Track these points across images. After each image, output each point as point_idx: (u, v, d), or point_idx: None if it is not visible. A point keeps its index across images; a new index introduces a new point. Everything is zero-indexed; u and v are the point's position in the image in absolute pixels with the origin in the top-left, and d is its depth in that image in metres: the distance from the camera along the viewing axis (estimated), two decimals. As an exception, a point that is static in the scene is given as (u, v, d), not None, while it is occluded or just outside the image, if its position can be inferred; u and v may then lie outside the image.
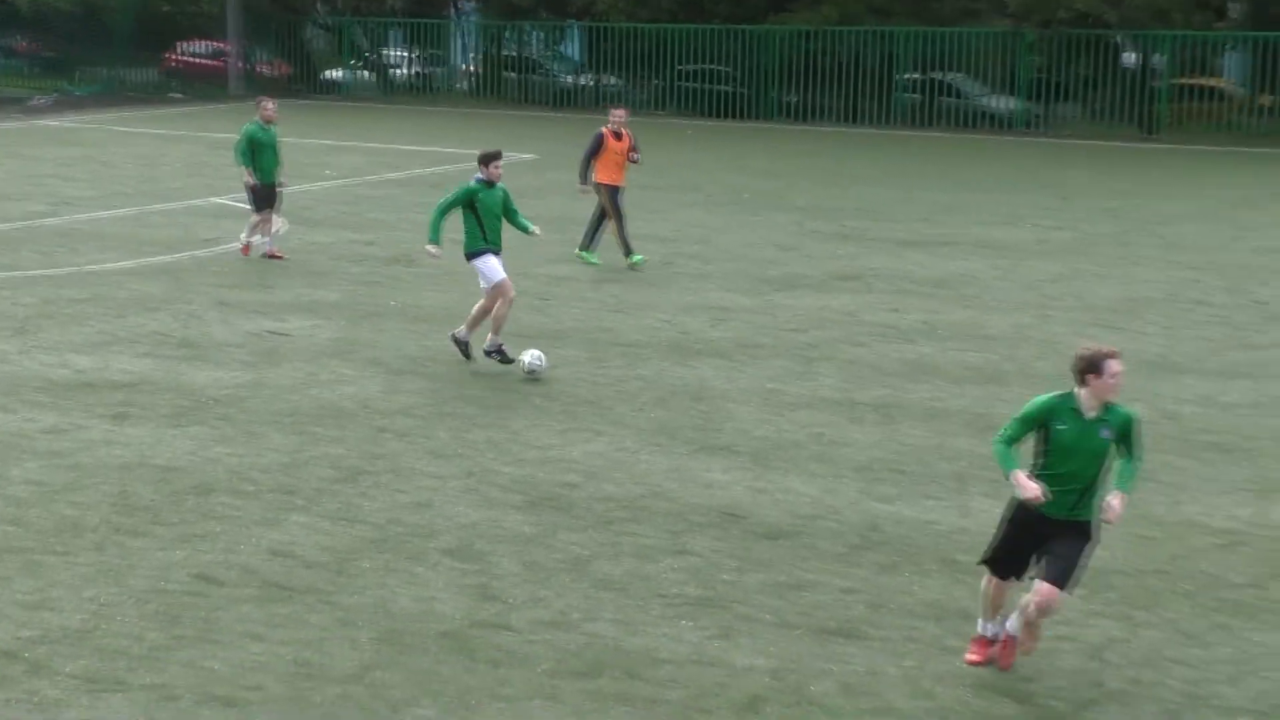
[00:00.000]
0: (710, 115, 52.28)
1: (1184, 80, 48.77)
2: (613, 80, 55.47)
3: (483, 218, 16.87)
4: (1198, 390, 16.45)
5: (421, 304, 20.37)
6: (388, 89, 59.66)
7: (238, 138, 23.64)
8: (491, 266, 16.90)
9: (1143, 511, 12.41)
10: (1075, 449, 9.02)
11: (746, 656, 9.72)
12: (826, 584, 10.93)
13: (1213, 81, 49.49)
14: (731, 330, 19.10)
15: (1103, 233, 27.71)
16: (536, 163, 38.00)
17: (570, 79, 56.80)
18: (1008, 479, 9.12)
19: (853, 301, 21.13)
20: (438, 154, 39.26)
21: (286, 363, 17.07)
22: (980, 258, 24.69)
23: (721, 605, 10.52)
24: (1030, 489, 9.00)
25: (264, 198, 23.41)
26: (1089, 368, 8.96)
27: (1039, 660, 9.67)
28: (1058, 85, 49.47)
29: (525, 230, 17.47)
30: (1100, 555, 11.40)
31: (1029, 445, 9.31)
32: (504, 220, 17.14)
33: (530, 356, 16.54)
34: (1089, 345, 9.12)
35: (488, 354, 17.01)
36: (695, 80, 53.62)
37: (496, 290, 16.91)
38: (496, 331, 17.00)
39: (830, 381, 16.68)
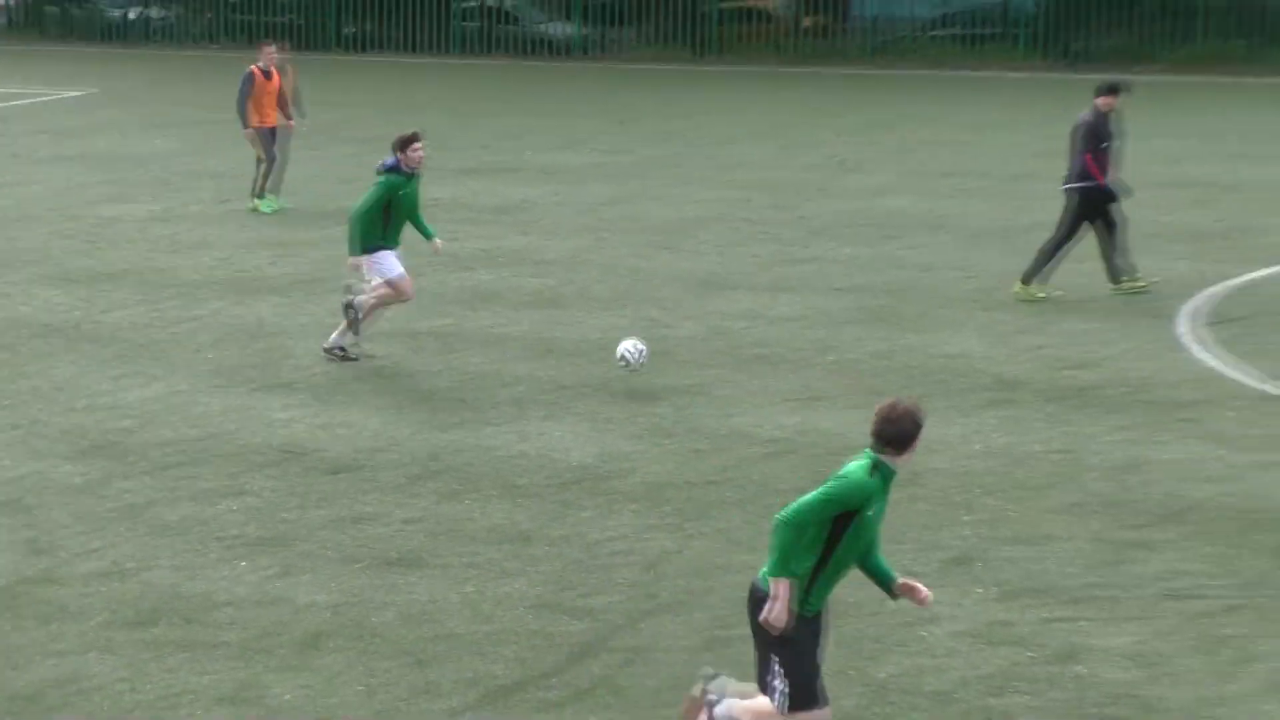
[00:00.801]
0: (267, 47, 51.36)
1: (733, 3, 50.04)
2: (161, 13, 53.83)
3: (393, 215, 14.56)
4: (746, 305, 17.00)
5: (-38, 252, 19.52)
6: (-80, 26, 56.60)
7: None
8: (390, 262, 14.58)
9: (693, 425, 12.83)
10: (870, 532, 7.25)
11: (308, 593, 9.69)
12: (388, 515, 10.97)
13: (760, 4, 50.92)
14: (290, 266, 18.87)
15: (658, 155, 28.31)
16: (90, 98, 36.76)
17: (118, 12, 54.87)
18: (773, 583, 7.12)
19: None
20: (-23, 94, 37.58)
21: None
22: (539, 183, 24.94)
23: (282, 544, 10.46)
24: (789, 620, 7.14)
25: None
26: (918, 431, 7.18)
27: (596, 577, 9.91)
28: (613, 9, 50.17)
29: (428, 236, 15.02)
30: (654, 470, 11.80)
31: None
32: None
33: (634, 353, 13.80)
34: (905, 404, 7.23)
35: (327, 351, 14.65)
36: (249, 11, 52.45)
37: (392, 287, 14.69)
38: (369, 319, 14.81)
39: (389, 313, 16.58)
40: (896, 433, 7.13)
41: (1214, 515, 10.96)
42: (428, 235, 15.05)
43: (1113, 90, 17.45)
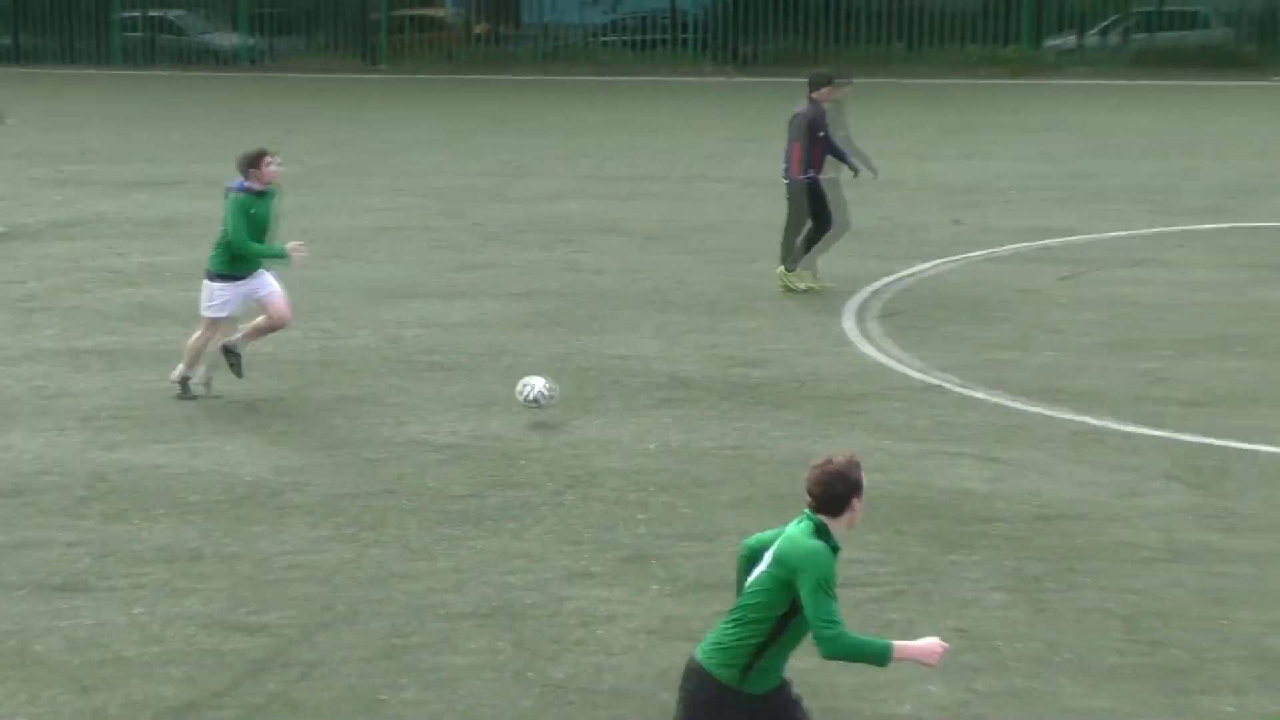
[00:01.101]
0: (-83, 60, 49.41)
1: (404, 11, 49.85)
2: None
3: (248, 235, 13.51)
4: (421, 313, 16.92)
5: None
6: None
7: None
8: (225, 298, 13.65)
9: (368, 435, 12.71)
10: None
11: (-35, 624, 9.31)
12: (51, 540, 10.60)
13: (432, 11, 50.84)
14: (-56, 286, 18.16)
15: (330, 165, 28.03)
16: None
17: None
18: (892, 658, 6.34)
19: (75, 248, 20.52)
20: None
21: None
22: (206, 197, 24.32)
23: (-63, 574, 10.03)
24: (937, 647, 6.36)
25: None
26: (857, 489, 6.42)
27: (270, 592, 9.73)
28: (280, 19, 49.55)
29: (257, 266, 13.82)
30: (328, 481, 11.65)
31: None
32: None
33: (540, 389, 13.00)
34: (840, 459, 6.47)
35: (174, 381, 13.73)
36: (-104, 23, 50.45)
37: (211, 325, 13.71)
38: (191, 364, 13.75)
39: (51, 332, 16.16)
40: (822, 494, 6.40)
41: (880, 504, 11.20)
42: (258, 265, 13.80)
43: (828, 81, 17.64)
